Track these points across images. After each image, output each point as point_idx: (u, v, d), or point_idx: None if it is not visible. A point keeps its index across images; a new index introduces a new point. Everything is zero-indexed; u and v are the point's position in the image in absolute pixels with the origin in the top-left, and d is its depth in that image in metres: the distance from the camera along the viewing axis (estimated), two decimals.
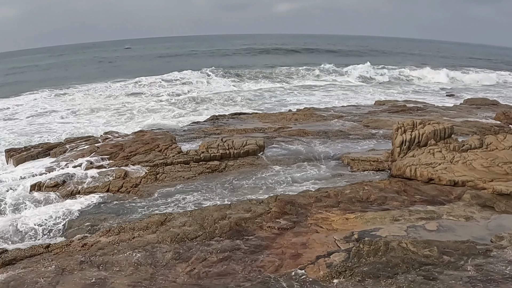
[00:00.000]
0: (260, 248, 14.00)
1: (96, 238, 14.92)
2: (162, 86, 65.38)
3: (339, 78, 78.17)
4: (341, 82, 74.00)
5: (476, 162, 21.31)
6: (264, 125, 32.97)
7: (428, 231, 15.12)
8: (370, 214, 16.59)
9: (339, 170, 23.03)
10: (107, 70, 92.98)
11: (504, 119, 34.30)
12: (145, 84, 66.38)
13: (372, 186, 19.53)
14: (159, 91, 60.91)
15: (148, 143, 26.18)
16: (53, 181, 20.99)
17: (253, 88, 64.40)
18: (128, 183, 20.95)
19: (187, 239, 14.51)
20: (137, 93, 59.47)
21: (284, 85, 68.19)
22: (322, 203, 17.68)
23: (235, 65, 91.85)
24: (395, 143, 23.68)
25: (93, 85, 66.71)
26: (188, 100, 53.33)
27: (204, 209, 16.88)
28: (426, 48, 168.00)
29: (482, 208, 17.38)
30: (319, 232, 15.18)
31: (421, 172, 20.63)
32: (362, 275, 12.02)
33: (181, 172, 22.57)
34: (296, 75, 79.29)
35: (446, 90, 64.95)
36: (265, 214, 16.48)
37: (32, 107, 50.25)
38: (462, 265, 12.40)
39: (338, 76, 79.81)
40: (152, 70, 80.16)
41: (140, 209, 18.48)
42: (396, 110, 39.93)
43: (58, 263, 13.24)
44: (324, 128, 31.77)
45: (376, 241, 13.71)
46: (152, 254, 13.69)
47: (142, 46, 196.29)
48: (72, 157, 24.39)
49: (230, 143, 25.87)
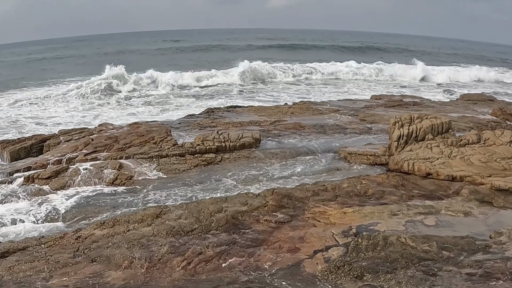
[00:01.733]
0: (257, 242, 13.81)
1: (90, 231, 14.67)
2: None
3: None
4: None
5: (474, 157, 21.20)
6: (260, 118, 32.74)
7: (426, 226, 14.98)
8: (368, 209, 16.43)
9: (336, 164, 22.90)
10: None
11: (501, 114, 34.19)
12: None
13: (370, 180, 19.39)
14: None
15: (143, 135, 25.96)
16: (46, 174, 20.76)
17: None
18: (123, 175, 20.76)
19: (183, 232, 14.30)
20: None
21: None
22: (320, 197, 17.52)
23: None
24: (392, 137, 23.53)
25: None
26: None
27: (200, 202, 16.68)
28: (421, 44, 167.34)
29: (481, 204, 17.26)
30: (316, 226, 15.00)
31: (419, 167, 20.50)
32: (361, 270, 11.86)
33: (177, 164, 22.40)
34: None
35: (442, 86, 64.80)
36: (261, 207, 16.28)
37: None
38: (461, 261, 12.25)
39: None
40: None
41: (135, 202, 18.31)
42: (393, 105, 39.75)
43: (51, 256, 13.01)
44: (320, 122, 31.59)
45: (375, 236, 13.56)
46: (147, 247, 13.47)
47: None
48: (66, 149, 24.16)
49: (226, 135, 25.69)
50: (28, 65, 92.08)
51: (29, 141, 26.14)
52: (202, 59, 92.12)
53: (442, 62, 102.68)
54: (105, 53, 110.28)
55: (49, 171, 21.00)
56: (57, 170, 21.14)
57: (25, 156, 24.76)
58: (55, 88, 56.62)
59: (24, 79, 64.85)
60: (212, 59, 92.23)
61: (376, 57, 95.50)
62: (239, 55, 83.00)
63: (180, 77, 60.24)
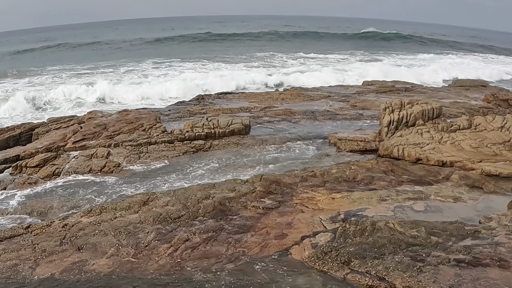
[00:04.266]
0: (244, 228, 13.71)
1: (77, 218, 14.57)
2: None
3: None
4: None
5: (465, 142, 21.14)
6: (250, 105, 32.67)
7: (415, 211, 14.92)
8: (357, 194, 16.34)
9: (326, 150, 22.79)
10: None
11: (493, 100, 34.14)
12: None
13: (359, 166, 19.29)
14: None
15: (132, 122, 25.82)
16: (34, 162, 20.58)
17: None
18: (111, 163, 20.60)
19: (170, 219, 14.20)
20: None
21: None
22: (308, 183, 17.42)
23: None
24: (382, 123, 23.43)
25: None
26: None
27: (188, 189, 16.56)
28: (417, 31, 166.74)
29: (471, 189, 17.20)
30: (304, 212, 14.91)
31: (409, 152, 20.42)
32: (348, 255, 11.76)
33: (165, 151, 22.26)
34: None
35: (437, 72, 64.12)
36: (249, 193, 16.19)
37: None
38: (450, 246, 12.16)
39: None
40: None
41: (122, 189, 18.19)
42: (384, 91, 39.71)
43: (38, 244, 12.90)
44: (311, 108, 31.52)
45: (363, 221, 13.46)
46: (134, 234, 13.39)
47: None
48: (55, 137, 23.98)
49: (215, 122, 25.57)
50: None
51: (18, 129, 25.96)
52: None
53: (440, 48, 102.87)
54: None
55: (38, 159, 20.82)
56: (46, 158, 20.97)
57: (13, 144, 24.55)
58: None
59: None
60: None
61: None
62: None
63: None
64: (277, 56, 78.24)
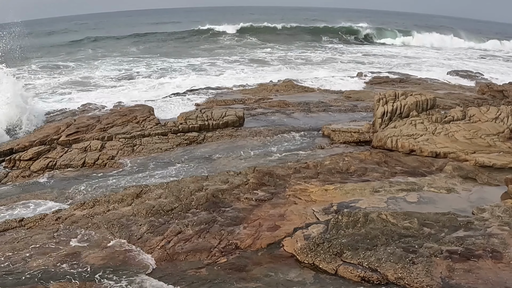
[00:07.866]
0: (237, 220, 13.71)
1: (70, 211, 14.54)
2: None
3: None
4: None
5: (459, 133, 21.16)
6: (244, 96, 32.64)
7: (408, 202, 14.92)
8: (350, 186, 16.33)
9: (320, 141, 22.76)
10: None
11: (488, 91, 34.18)
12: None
13: (352, 157, 19.29)
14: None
15: (125, 114, 25.77)
16: (28, 155, 20.54)
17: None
18: (105, 155, 20.57)
19: (163, 212, 14.18)
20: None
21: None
22: (301, 174, 17.41)
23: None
24: (376, 114, 23.43)
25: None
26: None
27: (181, 181, 16.54)
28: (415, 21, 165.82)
29: (464, 180, 17.19)
30: (297, 203, 14.91)
31: (402, 143, 20.44)
32: (340, 247, 11.77)
33: (159, 143, 22.22)
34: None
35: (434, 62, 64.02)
36: (242, 185, 16.17)
37: None
38: (442, 237, 12.18)
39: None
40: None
41: (116, 182, 18.10)
42: (379, 82, 39.71)
43: (31, 238, 12.87)
44: (305, 100, 31.50)
45: (355, 213, 13.48)
46: (127, 227, 13.37)
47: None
48: (48, 130, 23.94)
49: (209, 114, 25.56)
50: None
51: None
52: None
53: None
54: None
55: (31, 152, 20.77)
56: (39, 151, 20.91)
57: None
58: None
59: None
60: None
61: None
62: None
63: None
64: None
